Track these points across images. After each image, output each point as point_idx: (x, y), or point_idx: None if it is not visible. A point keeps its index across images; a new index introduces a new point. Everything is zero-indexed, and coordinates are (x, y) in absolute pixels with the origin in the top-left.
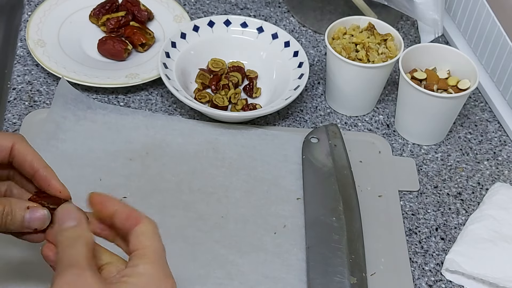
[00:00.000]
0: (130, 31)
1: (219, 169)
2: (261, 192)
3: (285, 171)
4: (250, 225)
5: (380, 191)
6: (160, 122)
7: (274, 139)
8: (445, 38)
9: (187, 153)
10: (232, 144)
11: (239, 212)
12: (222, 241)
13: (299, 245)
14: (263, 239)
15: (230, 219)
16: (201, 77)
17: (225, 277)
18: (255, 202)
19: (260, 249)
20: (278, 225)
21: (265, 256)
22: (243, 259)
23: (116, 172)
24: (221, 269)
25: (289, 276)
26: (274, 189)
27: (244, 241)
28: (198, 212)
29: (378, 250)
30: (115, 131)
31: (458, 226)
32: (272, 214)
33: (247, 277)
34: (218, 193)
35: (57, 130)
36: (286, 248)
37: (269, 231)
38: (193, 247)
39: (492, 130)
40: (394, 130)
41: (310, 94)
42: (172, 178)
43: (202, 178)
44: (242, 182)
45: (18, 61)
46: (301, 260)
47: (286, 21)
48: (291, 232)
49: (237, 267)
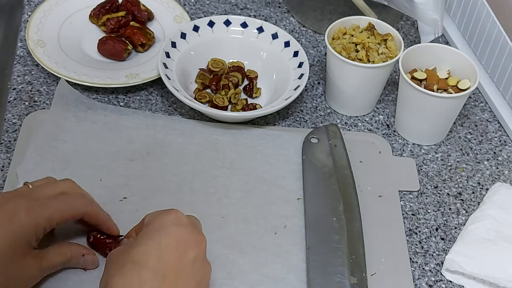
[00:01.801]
0: (130, 31)
1: (219, 169)
2: (262, 192)
3: (285, 171)
4: (251, 225)
5: (380, 191)
6: (161, 122)
7: (274, 139)
8: (445, 38)
9: (187, 153)
10: (232, 144)
11: (240, 212)
12: (223, 241)
13: (299, 245)
14: (264, 239)
15: (230, 219)
16: (201, 77)
17: (225, 277)
18: (255, 202)
19: (261, 249)
20: (279, 225)
21: (266, 256)
22: (244, 259)
23: (116, 173)
24: (222, 269)
25: (289, 276)
26: (274, 189)
27: (244, 241)
28: (198, 212)
29: (378, 250)
30: (116, 132)
31: (458, 226)
32: (273, 214)
33: (247, 277)
34: (219, 193)
35: (58, 131)
36: (287, 248)
37: (270, 231)
38: None
39: (492, 130)
40: (394, 130)
41: (310, 94)
42: (173, 178)
43: (203, 178)
44: (242, 182)
45: (18, 61)
46: (302, 260)
47: (286, 21)
48: (292, 232)
49: (238, 267)
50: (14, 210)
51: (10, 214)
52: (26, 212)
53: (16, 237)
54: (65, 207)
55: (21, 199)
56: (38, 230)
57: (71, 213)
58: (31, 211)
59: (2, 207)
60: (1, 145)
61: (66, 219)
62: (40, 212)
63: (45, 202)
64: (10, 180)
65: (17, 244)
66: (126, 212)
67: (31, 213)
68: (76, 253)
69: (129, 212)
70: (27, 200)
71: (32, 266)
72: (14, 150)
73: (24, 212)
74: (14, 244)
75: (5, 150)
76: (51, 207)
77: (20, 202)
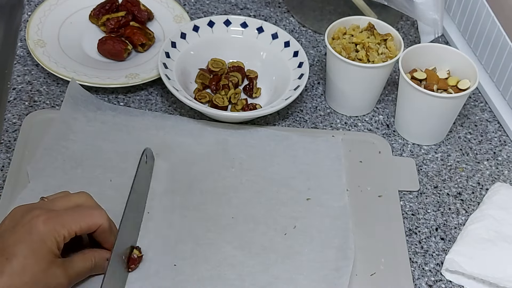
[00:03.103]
0: (130, 31)
1: (229, 169)
2: (271, 193)
3: (294, 172)
4: (261, 226)
5: (380, 191)
6: (170, 123)
7: (283, 140)
8: (445, 38)
9: (197, 154)
10: (241, 145)
11: (250, 213)
12: (233, 242)
13: (309, 246)
14: (274, 240)
15: (240, 220)
16: (201, 77)
17: (236, 278)
18: (265, 203)
19: (271, 250)
20: (289, 226)
21: (276, 257)
22: (254, 260)
23: (126, 173)
24: (232, 270)
25: (299, 277)
26: (283, 189)
27: (254, 242)
28: (208, 212)
29: (378, 250)
30: (125, 132)
31: (458, 226)
32: (282, 215)
33: (258, 278)
34: (229, 193)
35: (68, 131)
36: (297, 249)
37: (280, 232)
38: (204, 248)
39: (492, 130)
40: (394, 130)
41: (310, 94)
42: (183, 179)
43: (212, 179)
44: (252, 182)
45: (18, 61)
46: (312, 261)
47: (286, 21)
48: (302, 233)
49: (248, 268)
50: (32, 221)
51: (29, 226)
52: (44, 222)
53: (37, 247)
54: (82, 217)
55: (37, 210)
56: (58, 238)
57: (88, 224)
58: (49, 221)
59: (21, 219)
60: (1, 145)
61: (82, 230)
62: (58, 221)
63: (62, 213)
64: (10, 180)
65: (40, 253)
66: None
67: (49, 223)
68: (100, 258)
69: None
70: (45, 211)
71: (59, 275)
72: (14, 150)
73: (42, 222)
74: (37, 254)
75: (5, 150)
76: (68, 217)
77: (37, 213)
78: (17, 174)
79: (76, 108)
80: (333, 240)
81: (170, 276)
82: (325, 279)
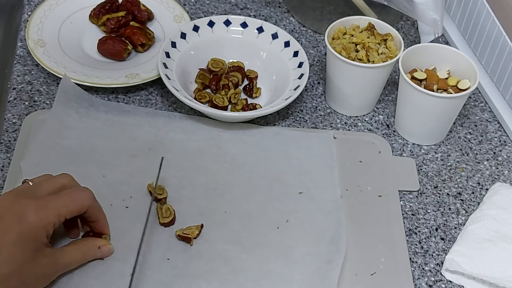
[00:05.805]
0: (130, 31)
1: (221, 165)
2: (264, 188)
3: (286, 166)
4: (254, 220)
5: (380, 191)
6: (163, 119)
7: (275, 135)
8: (445, 38)
9: (189, 149)
10: (234, 141)
11: (243, 208)
12: (226, 236)
13: (302, 239)
14: (267, 234)
15: (233, 215)
16: (201, 77)
17: (229, 273)
18: (258, 198)
19: (264, 244)
20: (281, 220)
21: (269, 251)
22: (247, 255)
23: (119, 169)
24: (226, 264)
25: (292, 271)
26: (276, 184)
27: (248, 237)
28: (201, 208)
29: (378, 250)
30: (118, 128)
31: (458, 226)
32: (275, 210)
33: (251, 273)
34: (221, 188)
35: (60, 127)
36: (290, 243)
37: (272, 226)
38: (197, 243)
39: (492, 130)
40: (394, 130)
41: (310, 94)
42: (175, 174)
43: (205, 174)
44: (244, 178)
45: (18, 61)
46: (305, 255)
47: (286, 21)
48: (294, 227)
49: (241, 262)
50: (22, 210)
51: (18, 214)
52: (34, 212)
53: (26, 236)
54: (71, 201)
55: (27, 199)
56: (48, 226)
57: (77, 207)
58: (39, 210)
59: (9, 208)
60: (1, 145)
61: (73, 214)
62: (48, 209)
63: (51, 199)
64: (10, 180)
65: (28, 243)
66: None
67: (39, 212)
68: (91, 245)
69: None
70: (34, 200)
71: (46, 264)
72: (14, 150)
73: (32, 211)
74: (25, 243)
75: (5, 150)
76: (57, 203)
77: (27, 202)
78: (17, 174)
79: (68, 105)
80: (325, 233)
81: (163, 271)
82: (317, 272)
